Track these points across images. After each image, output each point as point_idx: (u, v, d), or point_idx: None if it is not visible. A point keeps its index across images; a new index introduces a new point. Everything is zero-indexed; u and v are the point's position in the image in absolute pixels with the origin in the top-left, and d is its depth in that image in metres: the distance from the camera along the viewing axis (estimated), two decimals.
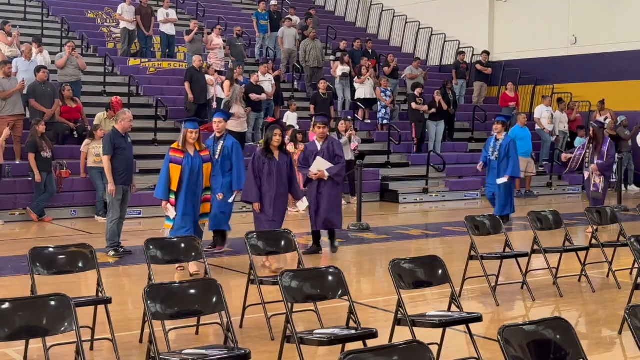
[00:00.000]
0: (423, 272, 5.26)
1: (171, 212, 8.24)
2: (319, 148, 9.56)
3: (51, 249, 5.58)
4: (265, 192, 8.68)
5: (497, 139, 12.13)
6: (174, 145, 8.27)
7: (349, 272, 9.41)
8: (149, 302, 4.24)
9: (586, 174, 12.00)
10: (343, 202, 15.42)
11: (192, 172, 8.14)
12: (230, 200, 9.55)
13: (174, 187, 8.15)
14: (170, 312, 4.35)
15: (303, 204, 9.13)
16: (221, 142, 9.39)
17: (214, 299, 4.48)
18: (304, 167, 9.57)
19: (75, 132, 14.19)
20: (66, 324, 4.03)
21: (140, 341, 5.82)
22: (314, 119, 9.34)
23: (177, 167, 8.13)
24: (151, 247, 5.90)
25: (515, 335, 3.42)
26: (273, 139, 8.68)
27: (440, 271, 5.31)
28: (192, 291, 4.43)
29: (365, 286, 8.71)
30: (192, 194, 8.23)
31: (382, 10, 24.99)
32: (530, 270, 7.84)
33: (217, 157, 9.23)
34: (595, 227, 8.42)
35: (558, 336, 3.49)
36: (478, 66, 20.80)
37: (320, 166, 9.47)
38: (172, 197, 8.21)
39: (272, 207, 8.71)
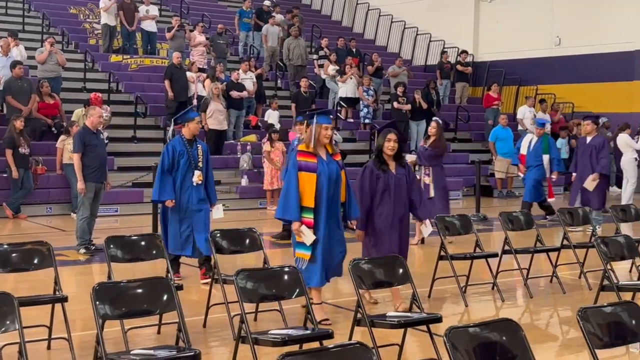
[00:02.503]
0: (383, 272, 5.20)
1: (308, 237, 6.17)
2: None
3: (6, 246, 5.49)
4: (381, 214, 6.69)
5: (300, 140, 11.14)
6: (301, 147, 6.39)
7: None
8: (97, 302, 4.16)
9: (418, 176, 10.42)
10: None
11: (329, 181, 6.25)
12: (216, 217, 8.08)
13: (309, 203, 6.19)
14: (119, 312, 4.27)
15: (427, 228, 7.15)
16: (199, 146, 7.96)
17: (165, 298, 4.40)
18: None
19: (53, 128, 14.08)
20: (8, 323, 3.94)
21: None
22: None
23: (311, 176, 6.19)
24: (111, 245, 5.82)
25: (461, 337, 3.35)
26: (386, 146, 6.67)
27: (401, 271, 5.26)
28: (141, 290, 4.34)
29: (342, 286, 8.63)
30: (333, 210, 6.32)
31: (368, 10, 24.95)
32: (500, 270, 7.80)
33: (200, 164, 7.89)
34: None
35: (504, 338, 3.43)
36: (458, 66, 20.79)
37: None
38: (308, 216, 6.21)
39: (390, 235, 6.69)
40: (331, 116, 6.40)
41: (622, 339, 4.00)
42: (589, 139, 11.57)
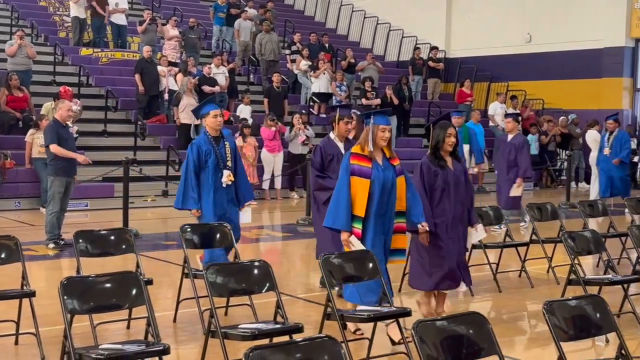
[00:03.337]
0: (353, 267, 5.22)
1: (358, 248, 5.57)
2: (342, 150, 7.12)
3: None
4: (438, 215, 6.08)
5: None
6: (355, 149, 5.73)
7: (295, 266, 9.39)
8: (65, 296, 4.13)
9: None
10: (296, 195, 15.44)
11: (384, 189, 5.63)
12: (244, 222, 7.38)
13: (359, 212, 5.59)
14: (87, 307, 4.25)
15: (478, 233, 6.44)
16: (226, 143, 7.18)
17: (134, 292, 4.38)
18: (321, 176, 7.13)
19: (21, 122, 13.92)
20: None
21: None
22: (338, 111, 7.30)
23: (364, 182, 5.60)
24: (80, 240, 5.77)
25: (429, 330, 3.39)
26: (446, 141, 6.11)
27: (371, 265, 5.28)
28: (110, 285, 4.32)
29: (311, 280, 8.66)
30: (383, 220, 5.70)
31: (341, 5, 24.99)
32: (470, 265, 7.84)
33: (229, 163, 7.11)
34: None
35: (471, 331, 3.47)
36: (430, 63, 20.92)
37: None
38: (358, 227, 5.61)
39: (448, 237, 6.10)
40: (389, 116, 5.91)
41: (586, 332, 4.07)
42: (510, 137, 11.13)
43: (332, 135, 7.28)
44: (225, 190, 7.08)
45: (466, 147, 12.21)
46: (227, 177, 7.04)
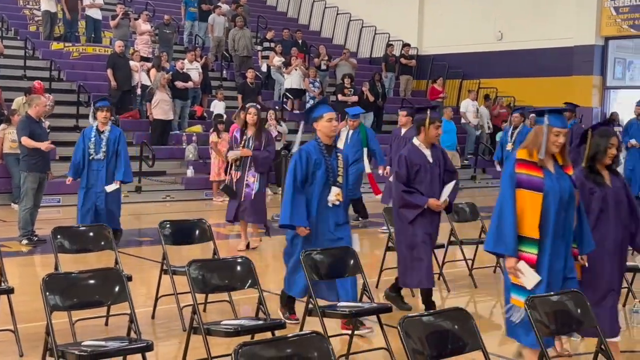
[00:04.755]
0: (335, 263, 5.25)
1: (529, 277, 4.53)
2: (429, 158, 6.38)
3: None
4: (596, 240, 4.94)
5: (102, 131, 9.13)
6: (521, 155, 4.67)
7: (268, 262, 9.38)
8: (47, 292, 4.10)
9: (235, 174, 9.16)
10: (269, 192, 15.41)
11: (560, 203, 4.60)
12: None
13: (531, 232, 4.54)
14: (69, 303, 4.22)
15: None
16: (339, 155, 6.11)
17: (116, 289, 4.36)
18: (408, 190, 6.31)
19: None
20: None
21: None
22: (428, 113, 6.34)
23: (535, 196, 4.54)
24: (58, 236, 5.73)
25: (415, 326, 3.42)
26: (607, 153, 5.05)
27: (352, 262, 5.32)
28: (92, 281, 4.30)
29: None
30: (562, 242, 4.66)
31: (314, 1, 24.98)
32: (446, 261, 7.94)
33: (340, 179, 6.02)
34: None
35: (456, 326, 3.52)
36: (402, 60, 21.02)
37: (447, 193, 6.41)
38: (530, 251, 4.55)
39: (608, 266, 5.06)
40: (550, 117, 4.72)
41: (568, 327, 4.14)
42: (403, 131, 10.42)
43: (416, 141, 6.41)
44: (333, 210, 5.92)
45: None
46: (335, 195, 5.90)
